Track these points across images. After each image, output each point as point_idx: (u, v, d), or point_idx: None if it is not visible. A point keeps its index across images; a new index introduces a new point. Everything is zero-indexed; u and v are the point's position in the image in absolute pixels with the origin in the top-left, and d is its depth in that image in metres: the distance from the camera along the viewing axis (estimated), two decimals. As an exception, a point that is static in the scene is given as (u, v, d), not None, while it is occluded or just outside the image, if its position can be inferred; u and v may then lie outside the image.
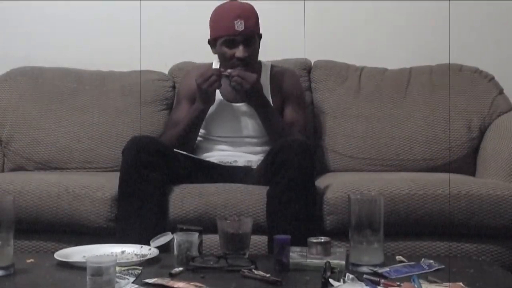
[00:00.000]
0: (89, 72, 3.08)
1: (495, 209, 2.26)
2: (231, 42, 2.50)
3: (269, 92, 2.63)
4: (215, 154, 2.59)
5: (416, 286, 1.61)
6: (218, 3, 2.56)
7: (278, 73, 2.70)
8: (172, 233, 1.97)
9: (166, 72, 3.09)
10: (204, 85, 2.46)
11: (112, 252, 1.97)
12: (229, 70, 2.47)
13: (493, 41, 3.21)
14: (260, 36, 2.59)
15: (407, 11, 3.22)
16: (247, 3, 2.55)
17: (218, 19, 2.52)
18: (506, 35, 3.22)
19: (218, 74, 2.46)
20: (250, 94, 2.48)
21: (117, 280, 1.64)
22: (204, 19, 2.55)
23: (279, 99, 2.64)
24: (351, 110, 2.91)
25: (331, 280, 1.64)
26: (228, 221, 1.97)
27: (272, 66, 2.71)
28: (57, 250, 1.98)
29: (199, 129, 2.59)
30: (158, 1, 3.25)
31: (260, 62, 2.69)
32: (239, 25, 2.46)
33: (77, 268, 1.81)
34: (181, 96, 2.75)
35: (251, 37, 2.50)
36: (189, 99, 2.68)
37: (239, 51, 2.49)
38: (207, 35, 2.56)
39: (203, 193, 2.35)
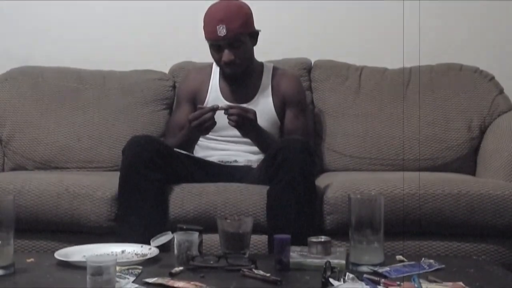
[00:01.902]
0: (90, 72, 3.08)
1: (495, 208, 2.26)
2: (217, 47, 2.51)
3: (270, 94, 2.63)
4: (215, 153, 2.59)
5: (416, 285, 1.61)
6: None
7: (280, 76, 2.69)
8: (172, 233, 1.97)
9: (167, 71, 3.10)
10: (199, 130, 2.41)
11: (112, 252, 1.97)
12: (224, 106, 2.39)
13: (493, 41, 3.21)
14: (254, 34, 2.56)
15: (407, 11, 3.22)
16: (234, 4, 2.51)
17: (204, 24, 2.52)
18: (506, 35, 3.22)
19: (212, 117, 2.36)
20: (249, 130, 2.44)
21: (117, 279, 1.64)
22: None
23: (280, 102, 2.64)
24: (351, 109, 2.91)
25: (331, 280, 1.64)
26: (228, 221, 1.97)
27: (274, 68, 2.71)
28: (57, 250, 1.98)
29: (196, 143, 2.59)
30: (158, 1, 3.25)
31: (262, 64, 2.69)
32: (221, 30, 2.44)
33: (77, 267, 1.81)
34: (181, 97, 2.75)
35: (236, 40, 2.49)
36: (189, 100, 2.69)
37: (224, 55, 2.49)
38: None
39: (203, 192, 2.35)
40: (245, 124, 2.39)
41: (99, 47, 3.27)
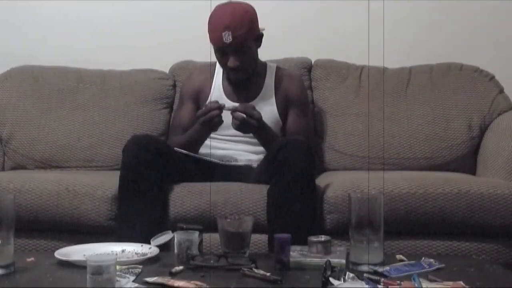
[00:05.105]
0: (90, 71, 3.09)
1: (496, 208, 2.26)
2: (222, 52, 2.50)
3: (273, 94, 2.63)
4: (215, 153, 2.59)
5: (416, 285, 1.61)
6: (218, 3, 2.55)
7: (283, 76, 2.69)
8: (173, 232, 1.97)
9: (167, 71, 3.10)
10: (207, 126, 2.42)
11: (112, 251, 1.97)
12: (230, 107, 2.39)
13: (493, 41, 3.21)
14: (258, 37, 2.56)
15: (407, 10, 3.23)
16: (239, 8, 2.49)
17: (209, 28, 2.50)
18: (506, 35, 3.22)
19: (219, 114, 2.37)
20: (253, 131, 2.46)
21: (118, 278, 1.64)
22: (204, 18, 2.55)
23: (282, 102, 2.64)
24: (351, 108, 2.91)
25: (331, 279, 1.64)
26: (229, 220, 1.97)
27: (278, 68, 2.70)
28: (57, 249, 1.97)
29: (202, 144, 2.57)
30: (159, 1, 3.25)
31: (265, 64, 2.69)
32: (227, 37, 2.43)
33: (78, 266, 1.81)
34: (184, 96, 2.74)
35: (242, 45, 2.48)
36: (192, 99, 2.69)
37: (230, 62, 2.49)
38: (207, 34, 2.55)
39: (203, 192, 2.35)
40: (246, 129, 2.41)
41: (99, 47, 3.27)
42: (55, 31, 3.30)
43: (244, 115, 2.37)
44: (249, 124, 2.38)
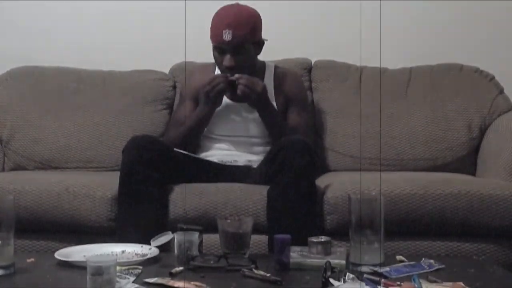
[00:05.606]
0: (90, 72, 3.09)
1: (496, 208, 2.26)
2: (221, 50, 2.50)
3: (273, 93, 2.63)
4: (215, 153, 2.59)
5: (416, 285, 1.61)
6: (219, 3, 2.55)
7: (282, 74, 2.69)
8: (173, 233, 1.97)
9: (167, 71, 3.10)
10: (212, 93, 2.46)
11: (112, 252, 1.97)
12: (236, 75, 2.45)
13: (493, 41, 3.21)
14: (259, 43, 2.56)
15: (407, 11, 3.23)
16: (245, 10, 2.51)
17: (211, 25, 2.51)
18: (506, 35, 3.22)
19: (225, 81, 2.45)
20: (257, 100, 2.48)
21: (118, 279, 1.64)
22: (204, 18, 2.55)
23: (282, 100, 2.64)
24: (351, 109, 2.91)
25: (331, 280, 1.64)
26: (229, 221, 1.97)
27: (276, 67, 2.71)
28: (57, 250, 1.97)
29: (204, 129, 2.59)
30: (159, 1, 3.25)
31: (264, 63, 2.69)
32: (227, 35, 2.44)
33: (78, 267, 1.81)
34: (185, 96, 2.74)
35: (240, 47, 2.48)
36: (193, 98, 2.69)
37: (226, 60, 2.49)
38: (207, 35, 2.55)
39: (203, 192, 2.35)
40: (252, 96, 2.44)
41: (99, 47, 3.27)
42: (55, 31, 3.30)
43: (247, 82, 2.43)
44: (254, 91, 2.43)
